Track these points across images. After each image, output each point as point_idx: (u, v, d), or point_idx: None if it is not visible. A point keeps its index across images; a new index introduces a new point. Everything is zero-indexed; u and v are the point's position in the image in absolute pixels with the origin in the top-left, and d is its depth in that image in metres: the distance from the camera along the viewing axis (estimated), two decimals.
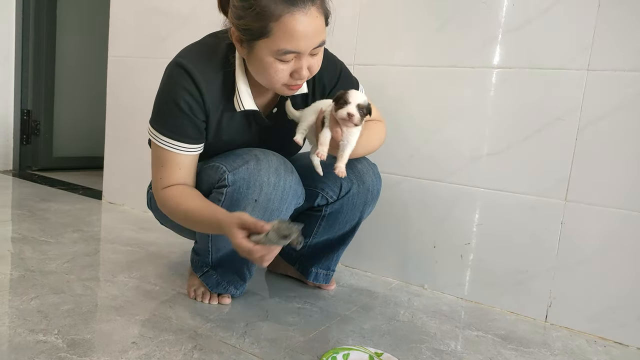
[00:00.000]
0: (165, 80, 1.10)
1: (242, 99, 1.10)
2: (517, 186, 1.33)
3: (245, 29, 0.98)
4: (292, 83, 1.04)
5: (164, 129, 1.08)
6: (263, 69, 1.02)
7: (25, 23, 2.77)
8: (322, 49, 1.03)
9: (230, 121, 1.14)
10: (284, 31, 0.95)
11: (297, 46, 0.97)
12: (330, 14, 1.02)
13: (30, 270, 1.32)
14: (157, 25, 2.02)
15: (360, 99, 1.04)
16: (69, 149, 3.06)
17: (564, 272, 1.28)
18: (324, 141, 1.07)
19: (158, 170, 1.12)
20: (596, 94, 1.21)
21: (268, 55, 0.99)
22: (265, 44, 0.98)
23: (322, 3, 0.99)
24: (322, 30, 0.99)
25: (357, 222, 1.32)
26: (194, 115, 1.08)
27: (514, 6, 1.30)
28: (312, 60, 1.02)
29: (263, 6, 0.94)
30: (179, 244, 1.69)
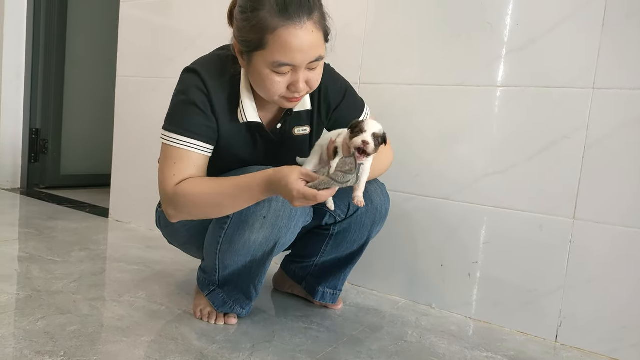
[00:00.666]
0: (178, 85, 1.13)
1: (246, 111, 1.11)
2: (524, 204, 1.32)
3: (244, 40, 1.01)
4: (290, 96, 1.05)
5: (179, 128, 1.08)
6: (261, 81, 1.04)
7: (35, 43, 2.82)
8: (321, 64, 1.05)
9: (236, 133, 1.15)
10: (279, 44, 0.97)
11: (291, 59, 0.98)
12: (329, 31, 1.04)
13: (37, 290, 1.32)
14: (165, 46, 2.05)
15: (376, 128, 1.02)
16: (76, 167, 3.08)
17: (574, 291, 1.26)
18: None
19: (170, 168, 1.08)
20: (602, 112, 1.21)
21: (265, 67, 1.01)
22: (261, 56, 1.00)
23: (319, 19, 1.00)
24: (318, 45, 1.00)
25: (365, 241, 1.31)
26: (206, 110, 1.09)
27: (518, 26, 1.31)
28: (310, 74, 1.03)
29: (260, 19, 0.97)
30: (185, 262, 1.69)
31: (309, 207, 1.14)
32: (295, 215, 1.10)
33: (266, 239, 1.12)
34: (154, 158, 2.03)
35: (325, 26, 1.02)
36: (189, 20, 1.97)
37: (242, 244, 1.12)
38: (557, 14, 1.26)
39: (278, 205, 1.08)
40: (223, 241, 1.14)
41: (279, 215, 1.08)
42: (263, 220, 1.08)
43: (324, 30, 1.02)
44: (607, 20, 1.20)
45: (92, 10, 3.03)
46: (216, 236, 1.15)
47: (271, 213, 1.08)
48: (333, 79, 1.20)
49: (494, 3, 1.34)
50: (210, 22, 1.90)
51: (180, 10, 2.00)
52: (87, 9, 3.01)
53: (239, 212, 1.08)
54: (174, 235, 1.29)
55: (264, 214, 1.07)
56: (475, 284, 1.40)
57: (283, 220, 1.09)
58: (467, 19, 1.38)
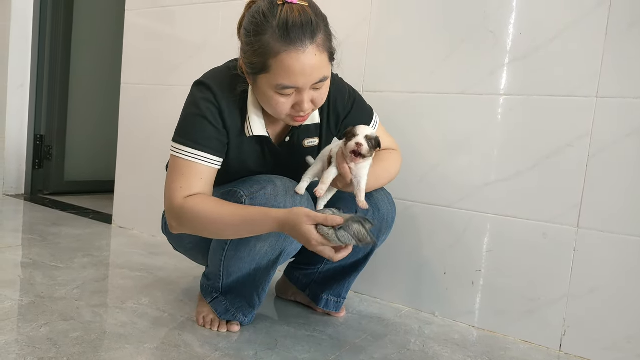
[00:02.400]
0: (189, 97, 1.14)
1: (252, 125, 1.12)
2: (527, 213, 1.32)
3: (248, 62, 1.02)
4: (295, 115, 1.06)
5: (188, 140, 1.09)
6: (266, 100, 1.05)
7: (40, 50, 2.85)
8: (327, 82, 1.05)
9: (246, 146, 1.15)
10: (282, 68, 0.98)
11: (295, 82, 0.99)
12: (335, 51, 1.04)
13: (40, 296, 1.32)
14: (170, 53, 2.06)
15: (368, 131, 1.06)
16: (80, 173, 3.09)
17: (578, 299, 1.26)
18: (325, 179, 1.08)
19: (177, 179, 1.09)
20: (606, 120, 1.21)
21: (269, 89, 1.02)
22: (265, 78, 1.01)
23: (323, 41, 1.00)
24: (322, 67, 1.00)
25: (371, 250, 1.31)
26: (217, 124, 1.09)
27: (521, 34, 1.32)
28: (315, 93, 1.04)
29: (263, 43, 0.98)
30: (188, 269, 1.69)
31: None
32: None
33: (272, 247, 1.12)
34: (157, 165, 2.05)
35: (329, 47, 1.02)
36: (193, 29, 1.99)
37: (248, 252, 1.12)
38: (560, 23, 1.26)
39: None
40: (229, 248, 1.14)
41: None
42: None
43: (329, 51, 1.02)
44: (610, 29, 1.20)
45: (97, 18, 3.06)
46: (222, 243, 1.15)
47: None
48: (341, 90, 1.21)
49: (497, 12, 1.35)
50: (214, 30, 1.92)
51: (185, 18, 2.02)
52: (92, 16, 3.04)
53: None
54: (180, 242, 1.29)
55: None
56: (479, 292, 1.40)
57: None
58: (470, 27, 1.39)
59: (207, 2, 1.94)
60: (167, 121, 2.08)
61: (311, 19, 0.98)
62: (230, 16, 1.88)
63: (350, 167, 1.07)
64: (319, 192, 1.08)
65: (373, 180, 1.12)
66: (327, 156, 1.13)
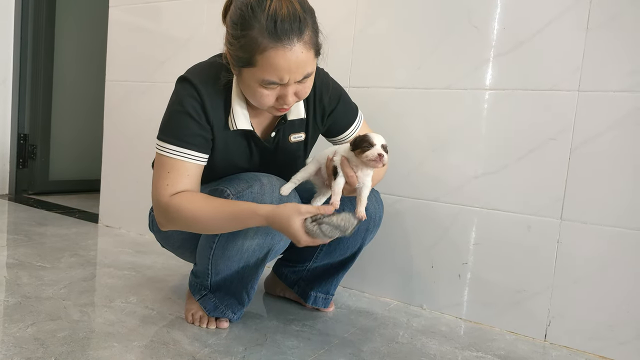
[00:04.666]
0: (173, 94, 1.13)
1: (236, 118, 1.11)
2: (512, 205, 1.34)
3: (234, 55, 1.02)
4: (279, 107, 1.06)
5: (173, 138, 1.08)
6: (250, 92, 1.05)
7: (23, 48, 2.80)
8: (311, 77, 1.05)
9: (231, 141, 1.15)
10: (268, 64, 0.97)
11: (280, 78, 0.99)
12: (321, 46, 1.04)
13: (26, 296, 1.31)
14: (155, 50, 2.04)
15: (382, 140, 1.06)
16: (65, 172, 3.06)
17: (562, 290, 1.28)
18: (337, 190, 1.07)
19: (164, 177, 1.08)
20: (588, 114, 1.24)
21: (254, 82, 1.02)
22: (251, 72, 1.01)
23: (310, 37, 0.99)
24: (307, 63, 1.00)
25: (359, 248, 1.32)
26: (200, 120, 1.09)
27: (505, 30, 1.33)
28: (299, 86, 1.04)
29: (250, 38, 0.97)
30: (176, 267, 1.68)
31: None
32: None
33: (260, 245, 1.12)
34: (143, 163, 2.04)
35: (316, 43, 1.02)
36: (178, 24, 1.98)
37: (236, 250, 1.12)
38: (542, 18, 1.28)
39: None
40: (217, 247, 1.14)
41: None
42: (257, 228, 1.08)
43: (315, 47, 1.02)
44: (591, 23, 1.22)
45: (80, 15, 3.02)
46: (210, 241, 1.15)
47: None
48: (327, 85, 1.21)
49: (480, 7, 1.36)
50: (200, 26, 1.91)
51: (170, 14, 2.00)
52: (75, 13, 3.00)
53: None
54: (167, 239, 1.29)
55: None
56: (466, 284, 1.42)
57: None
58: (454, 23, 1.40)
59: None
60: (153, 118, 2.06)
61: (299, 15, 0.97)
62: (216, 12, 1.86)
63: (358, 176, 1.07)
64: (336, 205, 1.05)
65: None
66: (327, 166, 1.12)
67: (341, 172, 1.07)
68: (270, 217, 1.00)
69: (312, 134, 1.23)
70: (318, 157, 1.16)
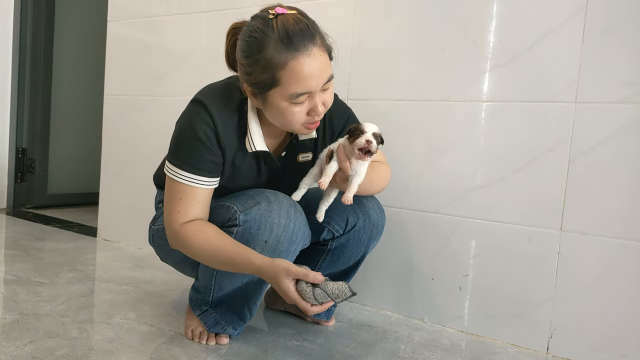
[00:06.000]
0: (184, 116, 1.13)
1: (254, 140, 1.12)
2: (512, 217, 1.34)
3: (256, 82, 1.02)
4: (311, 121, 1.07)
5: (184, 164, 1.09)
6: (281, 115, 1.05)
7: (21, 62, 2.81)
8: (332, 82, 1.07)
9: (242, 161, 1.15)
10: (293, 76, 0.98)
11: (307, 87, 1.00)
12: (332, 49, 1.06)
13: (24, 313, 1.30)
14: (154, 63, 2.05)
15: (375, 128, 1.08)
16: (63, 185, 3.05)
17: (564, 302, 1.28)
18: (328, 172, 1.10)
19: (175, 204, 1.11)
20: (585, 125, 1.24)
21: (282, 102, 1.02)
22: (277, 92, 1.01)
23: (322, 41, 1.02)
24: (327, 66, 1.03)
25: (362, 257, 1.32)
26: (212, 146, 1.09)
27: (501, 42, 1.34)
28: (325, 95, 1.06)
29: (268, 58, 0.98)
30: (175, 281, 1.67)
31: (307, 230, 1.17)
32: (295, 240, 1.12)
33: None
34: (142, 177, 2.03)
35: (328, 46, 1.04)
36: (177, 38, 1.99)
37: None
38: (538, 31, 1.29)
39: (279, 231, 1.09)
40: None
41: (280, 240, 1.09)
42: (264, 245, 1.08)
43: (328, 50, 1.04)
44: (587, 36, 1.23)
45: (78, 29, 3.04)
46: None
47: (272, 238, 1.08)
48: (337, 106, 1.23)
49: (476, 21, 1.37)
50: (199, 39, 1.92)
51: (169, 27, 2.01)
52: (73, 27, 3.01)
53: (240, 235, 1.09)
54: (169, 254, 1.28)
55: (265, 239, 1.08)
56: (467, 297, 1.41)
57: (283, 245, 1.10)
58: (451, 35, 1.41)
59: (191, 12, 1.94)
60: (152, 132, 2.07)
61: (306, 23, 1.00)
62: (214, 25, 1.88)
63: (352, 162, 1.09)
64: (323, 184, 1.08)
65: (368, 183, 1.14)
66: (326, 155, 1.15)
67: (335, 156, 1.10)
68: (263, 270, 1.02)
69: (319, 154, 1.24)
70: (321, 156, 1.18)
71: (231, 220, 1.10)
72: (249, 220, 1.08)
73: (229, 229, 1.10)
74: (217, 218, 1.14)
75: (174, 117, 1.16)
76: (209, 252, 1.08)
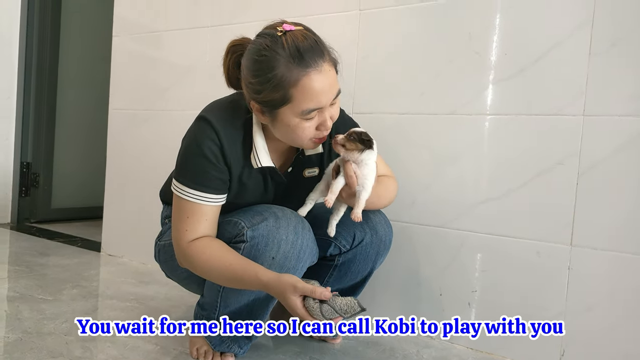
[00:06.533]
0: (190, 133, 1.13)
1: (259, 156, 1.12)
2: (520, 231, 1.32)
3: (266, 100, 1.01)
4: (320, 135, 1.07)
5: (190, 182, 1.09)
6: (291, 131, 1.04)
7: (27, 77, 2.83)
8: (339, 96, 1.07)
9: (249, 177, 1.15)
10: (305, 93, 0.98)
11: (319, 103, 1.01)
12: (338, 62, 1.06)
13: (27, 332, 1.28)
14: (158, 78, 2.06)
15: (357, 129, 1.09)
16: (67, 200, 3.05)
17: (575, 318, 1.25)
18: (334, 189, 1.09)
19: (183, 222, 1.10)
20: (594, 138, 1.23)
21: (293, 118, 1.02)
22: (289, 109, 1.01)
23: (329, 56, 1.03)
24: (336, 80, 1.04)
25: (369, 273, 1.31)
26: (218, 163, 1.09)
27: (507, 55, 1.34)
28: (333, 109, 1.06)
29: (280, 77, 0.98)
30: (179, 298, 1.65)
31: (315, 247, 1.16)
32: (303, 256, 1.10)
33: None
34: (146, 191, 2.03)
35: (334, 60, 1.05)
36: (181, 52, 1.99)
37: None
38: (544, 44, 1.28)
39: (287, 247, 1.08)
40: None
41: (288, 257, 1.08)
42: (271, 261, 1.07)
43: (335, 65, 1.05)
44: (594, 49, 1.22)
45: (84, 44, 3.05)
46: None
47: (280, 254, 1.07)
48: (344, 120, 1.23)
49: (481, 34, 1.37)
50: (203, 54, 1.92)
51: (173, 42, 2.02)
52: (78, 42, 3.03)
53: (247, 251, 1.08)
54: (174, 271, 1.27)
55: (273, 255, 1.07)
56: (475, 313, 1.39)
57: (291, 262, 1.08)
58: (456, 49, 1.41)
59: (195, 27, 1.95)
60: (156, 146, 2.07)
61: (314, 39, 1.01)
62: (218, 40, 1.88)
63: (357, 175, 1.08)
64: (329, 202, 1.08)
65: (375, 197, 1.13)
66: (333, 169, 1.14)
67: (342, 171, 1.09)
68: (270, 286, 1.01)
69: (325, 168, 1.23)
70: (327, 172, 1.18)
71: (238, 237, 1.09)
72: (257, 236, 1.07)
73: (236, 245, 1.09)
74: (225, 234, 1.13)
75: (179, 131, 1.15)
76: (216, 269, 1.07)
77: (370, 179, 1.09)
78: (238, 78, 1.09)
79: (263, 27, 1.05)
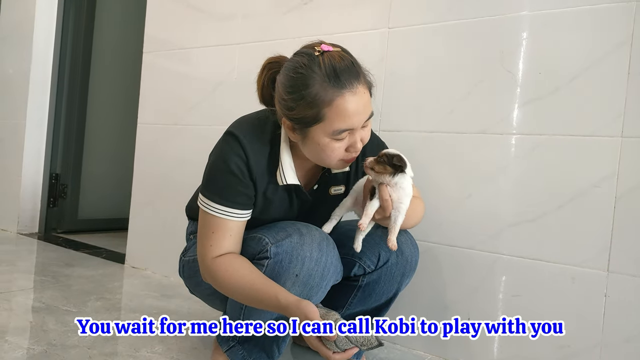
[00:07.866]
0: (217, 149, 1.13)
1: (285, 174, 1.11)
2: (554, 255, 1.27)
3: (298, 118, 1.01)
4: (349, 157, 1.06)
5: (216, 196, 1.09)
6: (320, 151, 1.04)
7: (59, 91, 2.91)
8: (371, 119, 1.06)
9: (274, 194, 1.14)
10: (338, 113, 0.98)
11: (351, 124, 1.00)
12: (373, 86, 1.06)
13: (52, 344, 1.29)
14: (186, 93, 2.08)
15: (388, 151, 1.07)
16: (94, 211, 3.10)
17: (612, 349, 1.19)
18: (369, 212, 1.06)
19: (208, 238, 1.10)
20: (632, 161, 1.18)
21: (324, 137, 1.01)
22: (320, 128, 1.00)
23: (365, 79, 1.02)
24: (369, 103, 1.03)
25: (394, 294, 1.27)
26: (244, 178, 1.09)
27: (541, 74, 1.31)
28: (364, 132, 1.05)
29: (314, 95, 0.97)
30: (201, 313, 1.64)
31: (339, 264, 1.14)
32: (327, 274, 1.08)
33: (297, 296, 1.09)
34: (171, 205, 2.04)
35: (369, 83, 1.04)
36: (209, 69, 2.02)
37: None
38: (580, 63, 1.25)
39: (311, 264, 1.06)
40: None
41: (312, 275, 1.06)
42: (295, 279, 1.05)
43: (369, 87, 1.04)
44: (633, 68, 1.19)
45: (114, 59, 3.13)
46: None
47: (304, 271, 1.05)
48: (371, 139, 1.21)
49: (513, 52, 1.34)
50: (231, 70, 1.94)
51: (201, 58, 2.05)
52: (110, 59, 3.11)
53: (271, 267, 1.06)
54: (198, 287, 1.26)
55: (297, 272, 1.05)
56: (505, 339, 1.33)
57: (315, 279, 1.07)
58: (487, 66, 1.38)
59: (224, 44, 1.97)
60: (183, 161, 2.09)
61: (351, 60, 1.01)
62: (247, 57, 1.90)
63: (392, 198, 1.05)
64: (363, 225, 1.06)
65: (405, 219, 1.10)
66: (365, 185, 1.12)
67: (377, 194, 1.06)
68: (289, 310, 0.99)
69: (351, 187, 1.21)
70: (355, 188, 1.16)
71: (262, 253, 1.08)
72: (280, 252, 1.06)
73: (260, 261, 1.08)
74: (248, 250, 1.12)
75: (206, 146, 1.15)
76: (237, 287, 1.06)
77: (406, 202, 1.07)
78: (272, 95, 1.09)
79: (301, 46, 1.05)
